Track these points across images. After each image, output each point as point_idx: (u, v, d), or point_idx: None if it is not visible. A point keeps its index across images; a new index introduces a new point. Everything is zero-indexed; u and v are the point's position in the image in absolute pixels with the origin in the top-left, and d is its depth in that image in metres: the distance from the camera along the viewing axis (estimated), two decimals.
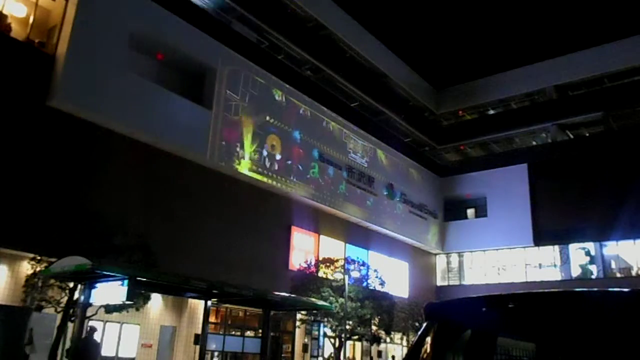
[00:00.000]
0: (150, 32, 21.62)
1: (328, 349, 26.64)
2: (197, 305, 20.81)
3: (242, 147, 24.55)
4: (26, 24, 19.64)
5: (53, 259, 14.47)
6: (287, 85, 27.80)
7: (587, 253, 33.88)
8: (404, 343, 30.70)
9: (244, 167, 24.50)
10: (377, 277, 26.21)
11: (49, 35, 20.07)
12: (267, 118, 26.22)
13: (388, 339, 27.46)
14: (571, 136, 38.29)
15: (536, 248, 35.23)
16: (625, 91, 34.76)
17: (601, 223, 31.66)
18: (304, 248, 27.84)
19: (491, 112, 40.92)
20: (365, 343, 28.03)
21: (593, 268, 33.55)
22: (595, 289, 3.17)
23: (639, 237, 32.29)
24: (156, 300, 20.28)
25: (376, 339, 26.31)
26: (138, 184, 20.21)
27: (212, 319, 20.36)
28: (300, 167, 27.55)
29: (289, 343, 25.98)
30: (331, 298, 23.18)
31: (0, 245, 16.42)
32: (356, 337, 25.52)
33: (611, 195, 31.41)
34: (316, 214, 28.86)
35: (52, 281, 15.43)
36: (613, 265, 33.69)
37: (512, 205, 35.43)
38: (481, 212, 37.91)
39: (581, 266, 33.94)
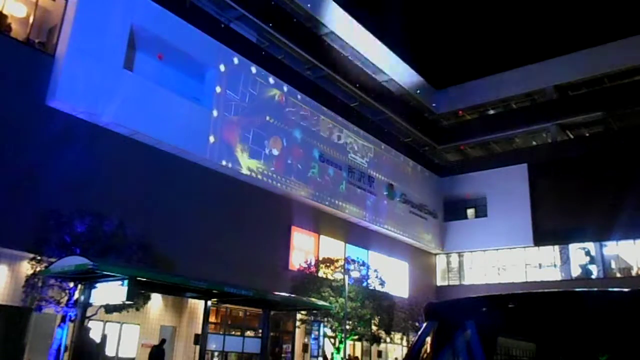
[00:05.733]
0: (150, 32, 21.62)
1: (328, 349, 26.62)
2: (197, 305, 20.80)
3: (242, 147, 24.55)
4: (26, 24, 19.63)
5: (53, 259, 14.47)
6: (287, 85, 27.80)
7: (587, 253, 33.86)
8: (404, 343, 30.71)
9: (244, 167, 24.50)
10: (377, 277, 26.20)
11: (49, 35, 20.08)
12: (267, 118, 26.22)
13: (388, 339, 27.45)
14: (571, 136, 38.28)
15: (536, 248, 35.21)
16: (625, 91, 34.75)
17: (601, 223, 31.64)
18: (304, 248, 27.81)
19: (491, 112, 40.92)
20: (365, 343, 28.02)
21: (593, 268, 33.53)
22: (595, 289, 3.17)
23: (639, 237, 32.27)
24: (156, 300, 20.26)
25: (376, 339, 26.30)
26: (138, 184, 20.21)
27: (212, 319, 20.33)
28: (300, 167, 27.54)
29: (289, 343, 25.98)
30: (331, 298, 23.20)
31: (0, 245, 16.40)
32: (356, 336, 25.52)
33: (611, 195, 31.37)
34: (316, 214, 28.85)
35: (52, 281, 15.43)
36: (613, 265, 33.66)
37: (512, 205, 35.41)
38: (481, 212, 37.92)
39: (581, 266, 33.93)
